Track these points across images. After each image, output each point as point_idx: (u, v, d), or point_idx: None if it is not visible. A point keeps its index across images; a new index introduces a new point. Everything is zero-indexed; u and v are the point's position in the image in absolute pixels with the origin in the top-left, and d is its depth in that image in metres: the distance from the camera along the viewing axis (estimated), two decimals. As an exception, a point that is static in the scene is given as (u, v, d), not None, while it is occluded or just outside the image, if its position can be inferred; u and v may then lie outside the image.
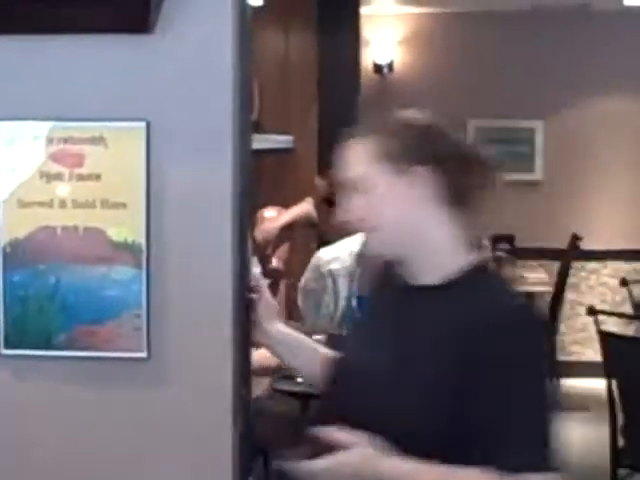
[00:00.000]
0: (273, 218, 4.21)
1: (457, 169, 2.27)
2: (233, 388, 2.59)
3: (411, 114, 2.36)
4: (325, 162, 4.58)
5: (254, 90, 3.92)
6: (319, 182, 4.15)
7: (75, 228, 2.53)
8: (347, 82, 5.16)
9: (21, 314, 2.54)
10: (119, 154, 2.52)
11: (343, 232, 3.13)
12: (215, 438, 2.58)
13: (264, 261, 4.01)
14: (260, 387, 3.17)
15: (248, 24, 2.67)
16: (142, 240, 2.52)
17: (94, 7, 2.45)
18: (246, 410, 2.67)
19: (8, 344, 2.55)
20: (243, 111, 2.62)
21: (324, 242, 3.67)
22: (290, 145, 4.92)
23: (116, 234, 2.53)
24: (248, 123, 2.71)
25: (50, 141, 2.53)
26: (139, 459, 2.59)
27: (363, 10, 5.49)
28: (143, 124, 2.51)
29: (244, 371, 2.66)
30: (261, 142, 3.94)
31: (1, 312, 2.55)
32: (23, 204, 2.53)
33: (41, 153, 2.53)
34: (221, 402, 2.58)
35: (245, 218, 2.67)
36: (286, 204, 4.37)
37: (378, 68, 8.76)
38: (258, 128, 4.21)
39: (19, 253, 2.54)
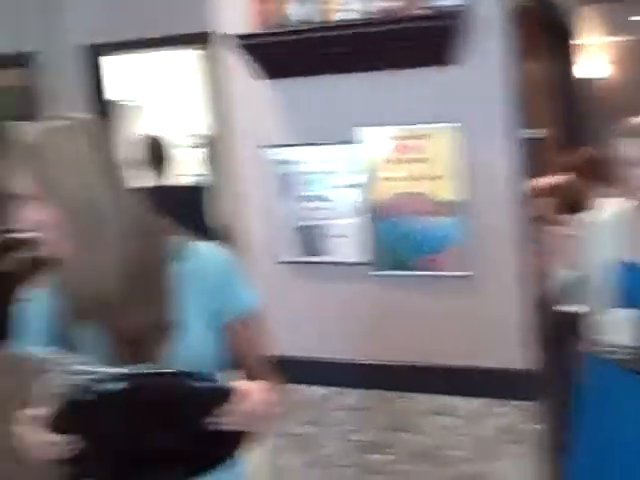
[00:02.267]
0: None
1: None
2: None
3: None
4: None
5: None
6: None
7: (413, 194, 2.54)
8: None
9: (385, 249, 2.61)
10: (437, 144, 2.50)
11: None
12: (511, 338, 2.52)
13: None
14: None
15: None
16: (457, 198, 2.49)
17: (414, 47, 2.42)
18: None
19: (378, 268, 2.63)
20: (518, 109, 2.46)
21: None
22: None
23: (437, 196, 2.52)
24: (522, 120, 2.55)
25: (395, 138, 2.56)
26: (463, 336, 2.57)
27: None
28: (457, 125, 2.46)
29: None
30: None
31: (374, 247, 2.62)
32: (383, 179, 2.58)
33: (390, 147, 2.56)
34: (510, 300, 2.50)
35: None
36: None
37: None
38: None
39: (382, 211, 2.59)
